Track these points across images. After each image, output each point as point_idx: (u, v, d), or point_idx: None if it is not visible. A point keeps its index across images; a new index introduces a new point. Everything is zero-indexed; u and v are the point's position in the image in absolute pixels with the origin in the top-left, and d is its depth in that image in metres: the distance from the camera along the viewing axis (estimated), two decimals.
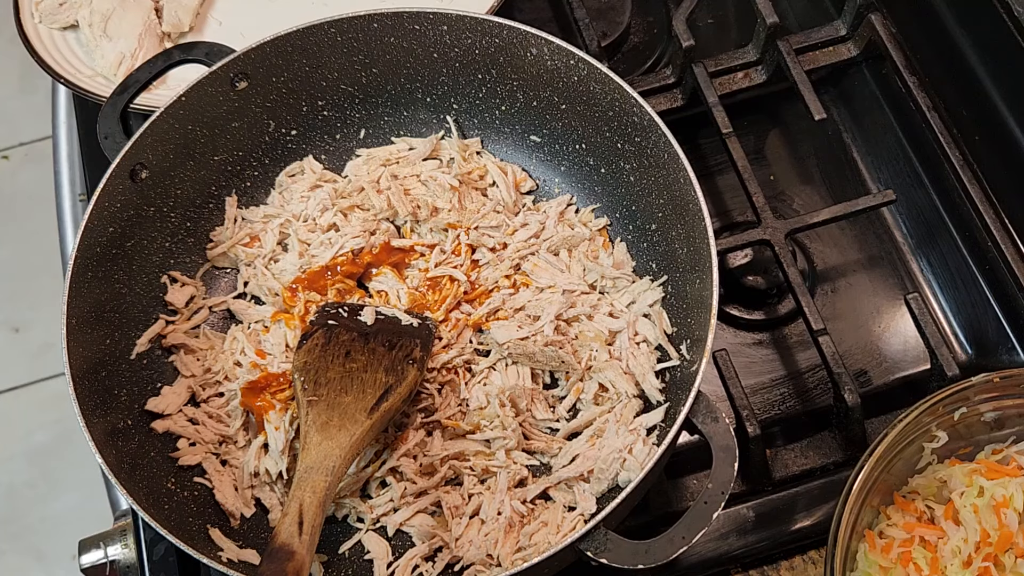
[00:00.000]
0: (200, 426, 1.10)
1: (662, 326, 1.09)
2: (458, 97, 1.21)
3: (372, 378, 1.03)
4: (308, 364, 1.04)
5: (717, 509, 0.89)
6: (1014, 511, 0.96)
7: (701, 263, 1.01)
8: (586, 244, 1.16)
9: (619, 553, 0.89)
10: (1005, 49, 1.19)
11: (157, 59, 1.17)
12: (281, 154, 1.22)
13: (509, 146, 1.23)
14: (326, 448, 0.96)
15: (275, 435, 1.07)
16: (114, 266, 1.09)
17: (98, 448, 0.96)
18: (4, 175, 2.77)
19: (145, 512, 0.93)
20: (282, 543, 0.88)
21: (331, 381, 1.02)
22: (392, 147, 1.23)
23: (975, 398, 0.99)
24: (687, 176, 1.03)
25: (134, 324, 1.11)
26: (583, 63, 1.10)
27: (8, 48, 2.28)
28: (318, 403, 1.00)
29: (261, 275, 1.17)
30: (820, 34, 1.34)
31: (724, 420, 0.94)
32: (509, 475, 1.05)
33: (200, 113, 1.14)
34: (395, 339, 1.07)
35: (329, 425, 0.98)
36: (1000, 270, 1.18)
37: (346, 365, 1.04)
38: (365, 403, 1.00)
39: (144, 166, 1.10)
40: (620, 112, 1.10)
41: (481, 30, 1.14)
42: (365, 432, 0.99)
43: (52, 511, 2.33)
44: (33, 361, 2.49)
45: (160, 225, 1.14)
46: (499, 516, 1.03)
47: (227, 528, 1.05)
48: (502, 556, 1.01)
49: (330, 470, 0.94)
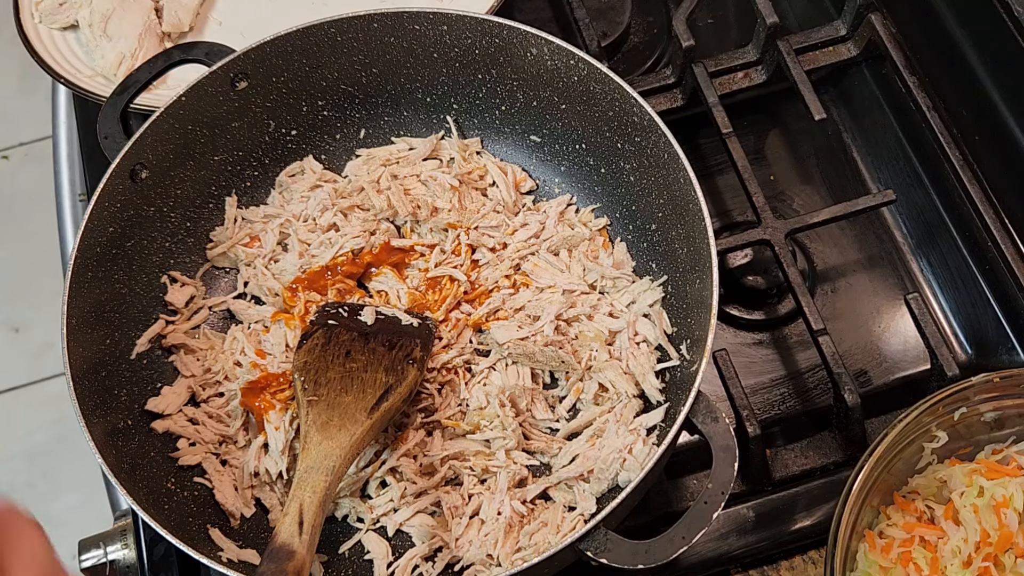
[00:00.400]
0: (200, 426, 1.10)
1: (662, 326, 1.09)
2: (458, 97, 1.21)
3: (372, 378, 1.03)
4: (308, 364, 1.04)
5: (717, 509, 0.89)
6: (1014, 511, 0.96)
7: (701, 263, 1.01)
8: (586, 244, 1.16)
9: (619, 553, 0.89)
10: (1005, 49, 1.19)
11: (157, 59, 1.17)
12: (281, 154, 1.22)
13: (509, 146, 1.23)
14: (326, 448, 0.96)
15: (275, 435, 1.07)
16: (114, 266, 1.09)
17: (98, 448, 0.96)
18: (4, 175, 2.77)
19: (145, 512, 0.93)
20: (282, 543, 0.88)
21: (331, 381, 1.02)
22: (392, 147, 1.23)
23: (975, 398, 0.99)
24: (687, 176, 1.03)
25: (134, 324, 1.11)
26: (583, 63, 1.10)
27: (8, 48, 2.28)
28: (318, 403, 1.00)
29: (261, 275, 1.17)
30: (820, 34, 1.34)
31: (724, 420, 0.94)
32: (509, 475, 1.05)
33: (200, 113, 1.14)
34: (395, 339, 1.07)
35: (329, 425, 0.98)
36: (1000, 270, 1.18)
37: (346, 365, 1.04)
38: (365, 403, 1.00)
39: (144, 166, 1.10)
40: (620, 112, 1.10)
41: (481, 30, 1.14)
42: (365, 432, 0.99)
43: (52, 511, 2.33)
44: (33, 361, 2.49)
45: (160, 225, 1.14)
46: (499, 516, 1.03)
47: (227, 528, 1.05)
48: (502, 556, 1.01)
49: (330, 470, 0.94)
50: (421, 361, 1.06)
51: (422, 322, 1.10)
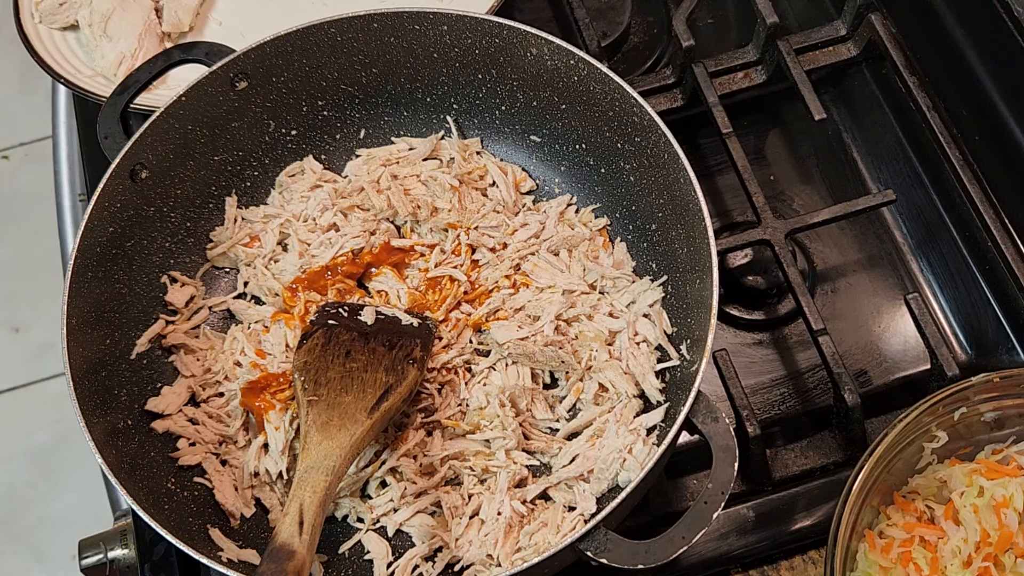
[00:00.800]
0: (200, 426, 1.09)
1: (662, 326, 1.09)
2: (458, 97, 1.21)
3: (372, 378, 1.03)
4: (308, 364, 1.04)
5: (717, 509, 0.89)
6: (1014, 511, 0.96)
7: (701, 263, 1.01)
8: (586, 244, 1.16)
9: (619, 553, 0.89)
10: (1005, 49, 1.19)
11: (157, 59, 1.17)
12: (281, 154, 1.22)
13: (509, 146, 1.23)
14: (326, 448, 0.96)
15: (275, 435, 1.07)
16: (114, 266, 1.09)
17: (98, 448, 0.96)
18: (4, 175, 2.77)
19: (145, 512, 0.93)
20: (282, 543, 0.88)
21: (331, 381, 1.02)
22: (392, 147, 1.23)
23: (975, 398, 0.99)
24: (687, 176, 1.03)
25: (134, 324, 1.11)
26: (583, 63, 1.10)
27: (8, 48, 2.28)
28: (318, 403, 1.00)
29: (261, 275, 1.17)
30: (820, 34, 1.34)
31: (724, 420, 0.94)
32: (509, 475, 1.05)
33: (200, 113, 1.13)
34: (395, 339, 1.07)
35: (329, 425, 0.98)
36: (1000, 270, 1.18)
37: (346, 365, 1.04)
38: (365, 403, 1.00)
39: (144, 166, 1.10)
40: (620, 112, 1.10)
41: (481, 30, 1.14)
42: (365, 432, 0.99)
43: (52, 511, 2.33)
44: (33, 361, 2.49)
45: (160, 225, 1.14)
46: (499, 516, 1.03)
47: (227, 528, 1.05)
48: (502, 556, 1.01)
49: (330, 470, 0.94)
50: (421, 361, 1.06)
51: (422, 322, 1.10)
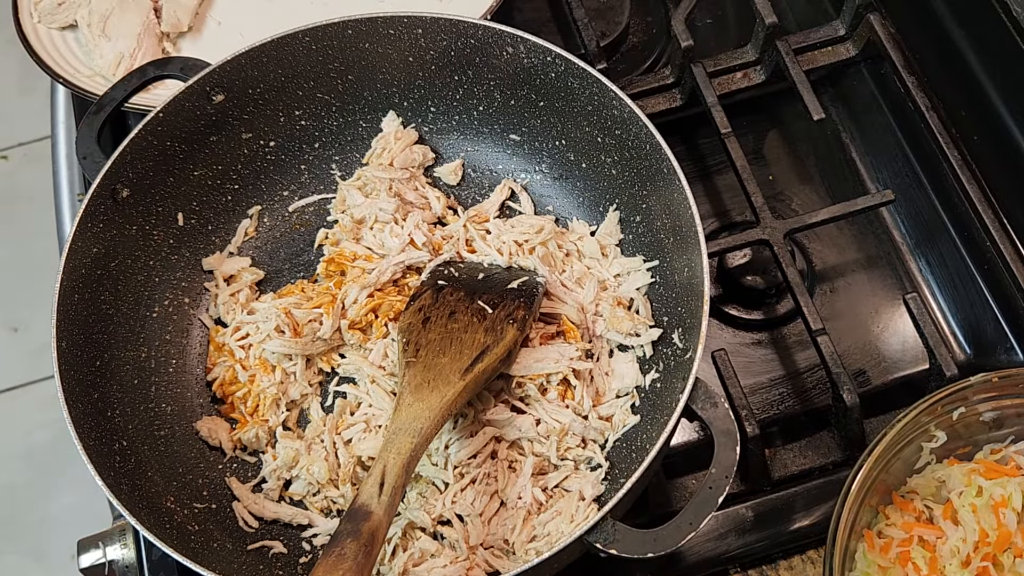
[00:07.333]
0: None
1: (647, 313, 1.10)
2: (435, 100, 1.21)
3: (471, 339, 1.03)
4: (412, 325, 1.04)
5: (722, 494, 0.90)
6: (1012, 511, 0.96)
7: (689, 249, 1.02)
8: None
9: (627, 543, 0.89)
10: (1004, 49, 1.19)
11: (132, 76, 1.15)
12: (261, 166, 1.21)
13: (488, 145, 1.23)
14: (416, 410, 0.96)
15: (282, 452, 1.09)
16: (100, 287, 1.08)
17: (97, 471, 0.96)
18: (3, 175, 2.77)
19: (148, 531, 0.93)
20: (361, 503, 0.88)
21: (431, 343, 1.02)
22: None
23: (973, 398, 1.00)
24: (670, 165, 1.03)
25: (121, 345, 1.10)
26: (560, 59, 1.10)
27: (7, 48, 2.28)
28: (416, 364, 1.00)
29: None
30: (819, 34, 1.34)
31: (724, 405, 0.94)
32: (532, 463, 1.05)
33: (178, 128, 1.13)
34: (499, 299, 1.07)
35: (423, 386, 0.98)
36: (999, 270, 1.18)
37: (448, 326, 1.04)
38: (460, 363, 1.00)
39: (124, 185, 1.09)
40: (599, 106, 1.10)
41: (456, 31, 1.13)
42: (457, 394, 0.98)
43: (51, 511, 2.33)
44: (32, 361, 2.49)
45: (143, 243, 1.13)
46: (519, 500, 1.03)
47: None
48: (517, 544, 1.01)
49: (417, 431, 0.94)
50: (522, 321, 1.05)
51: (528, 279, 1.10)
